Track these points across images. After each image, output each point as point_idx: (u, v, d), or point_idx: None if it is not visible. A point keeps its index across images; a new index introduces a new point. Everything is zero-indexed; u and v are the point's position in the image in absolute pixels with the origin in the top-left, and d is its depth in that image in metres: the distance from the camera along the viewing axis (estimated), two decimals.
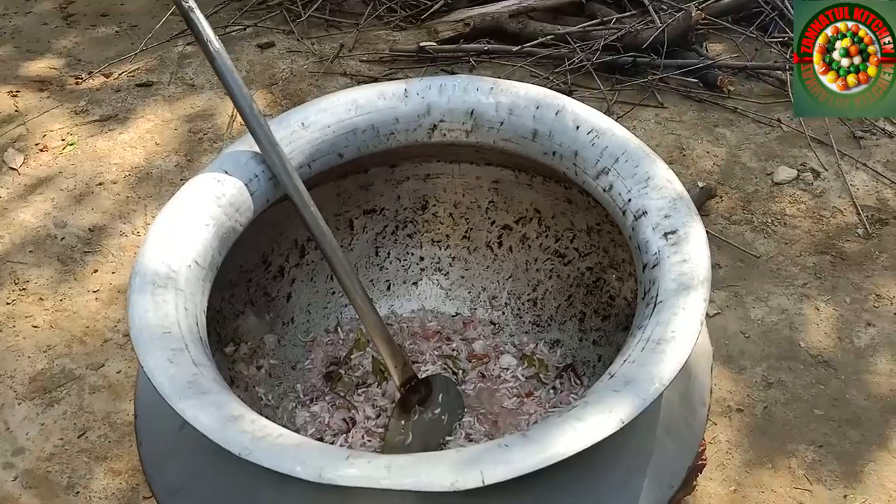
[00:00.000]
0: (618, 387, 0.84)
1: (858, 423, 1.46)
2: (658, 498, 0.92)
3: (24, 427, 1.48)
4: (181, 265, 0.99)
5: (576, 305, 1.36)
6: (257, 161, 1.12)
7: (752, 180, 1.91)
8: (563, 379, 1.34)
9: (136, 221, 1.87)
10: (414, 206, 1.41)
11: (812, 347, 1.58)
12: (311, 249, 1.37)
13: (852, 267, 1.72)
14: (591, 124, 1.11)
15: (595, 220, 1.28)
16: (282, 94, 2.24)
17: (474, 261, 1.44)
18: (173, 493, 0.97)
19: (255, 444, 0.81)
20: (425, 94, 1.21)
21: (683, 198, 1.00)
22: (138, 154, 2.05)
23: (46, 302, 1.70)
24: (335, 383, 1.35)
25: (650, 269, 0.96)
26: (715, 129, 2.06)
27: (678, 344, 0.86)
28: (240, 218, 1.10)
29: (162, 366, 0.87)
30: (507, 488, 0.79)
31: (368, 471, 0.78)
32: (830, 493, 1.37)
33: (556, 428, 0.81)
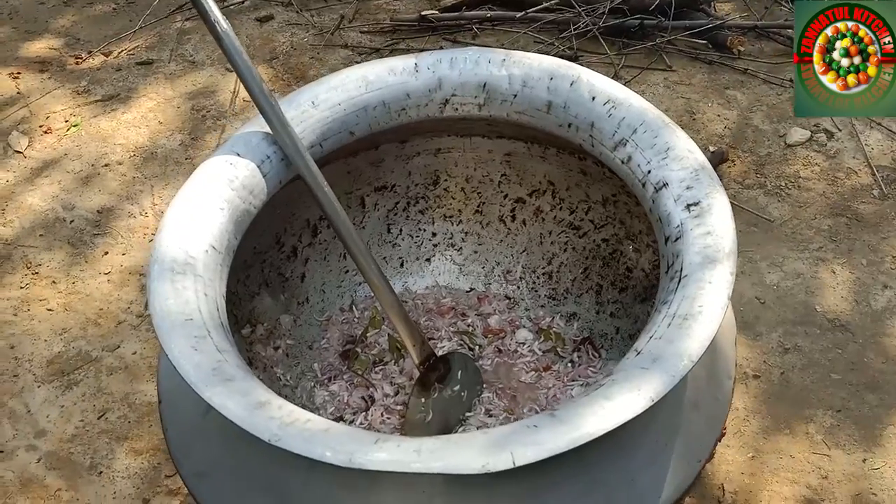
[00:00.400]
0: (645, 364, 0.83)
1: (877, 387, 1.46)
2: (686, 472, 0.92)
3: (44, 409, 1.49)
4: (198, 251, 0.98)
5: (592, 278, 1.35)
6: (269, 142, 1.11)
7: (765, 143, 1.89)
8: (580, 352, 1.33)
9: (143, 202, 1.86)
10: (425, 182, 1.40)
11: (828, 311, 1.58)
12: (323, 229, 1.36)
13: (868, 228, 1.70)
14: (607, 94, 1.10)
15: (611, 191, 1.27)
16: (283, 68, 2.21)
17: (487, 235, 1.43)
18: (201, 476, 0.97)
19: (283, 430, 0.80)
20: (436, 68, 1.19)
21: (705, 168, 0.99)
22: (142, 134, 2.03)
23: (59, 285, 1.69)
24: (352, 362, 1.35)
25: (672, 242, 0.95)
26: (725, 91, 2.03)
27: (706, 319, 0.85)
28: (253, 200, 1.08)
29: (186, 353, 0.86)
30: (535, 466, 0.79)
31: (398, 455, 0.78)
32: (849, 457, 1.37)
33: (584, 407, 0.80)
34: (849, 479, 1.35)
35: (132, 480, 1.39)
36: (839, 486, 1.34)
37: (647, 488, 0.89)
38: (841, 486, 1.34)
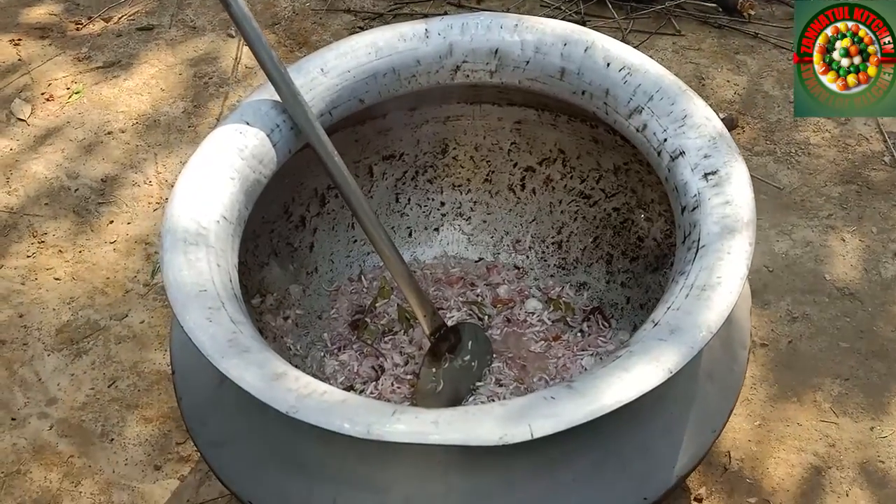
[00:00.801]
0: (663, 335, 0.83)
1: (885, 356, 1.46)
2: (701, 443, 0.92)
3: (55, 378, 1.49)
4: (210, 221, 0.98)
5: (602, 247, 1.35)
6: (278, 110, 1.09)
7: (775, 109, 1.87)
8: (590, 322, 1.33)
9: (147, 171, 1.85)
10: (434, 151, 1.38)
11: (838, 280, 1.57)
12: (331, 198, 1.35)
13: (879, 196, 1.69)
14: (622, 61, 1.08)
15: (623, 159, 1.26)
16: (285, 34, 2.19)
17: (496, 204, 1.42)
18: (217, 446, 0.98)
19: (301, 402, 0.80)
20: (447, 33, 1.17)
21: (724, 136, 0.98)
22: (144, 101, 2.01)
23: (66, 254, 1.69)
24: (362, 331, 1.35)
25: (689, 211, 0.94)
26: (735, 56, 2.01)
27: (724, 290, 0.84)
28: (263, 170, 1.07)
29: (201, 325, 0.86)
30: (550, 438, 0.79)
31: (416, 426, 0.78)
32: (857, 425, 1.38)
33: (602, 379, 0.80)
34: (856, 447, 1.35)
35: (143, 447, 1.40)
36: (846, 454, 1.35)
37: (662, 459, 0.90)
38: (848, 453, 1.35)
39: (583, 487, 0.87)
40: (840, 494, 1.30)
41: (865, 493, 1.30)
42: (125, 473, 1.37)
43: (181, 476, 1.36)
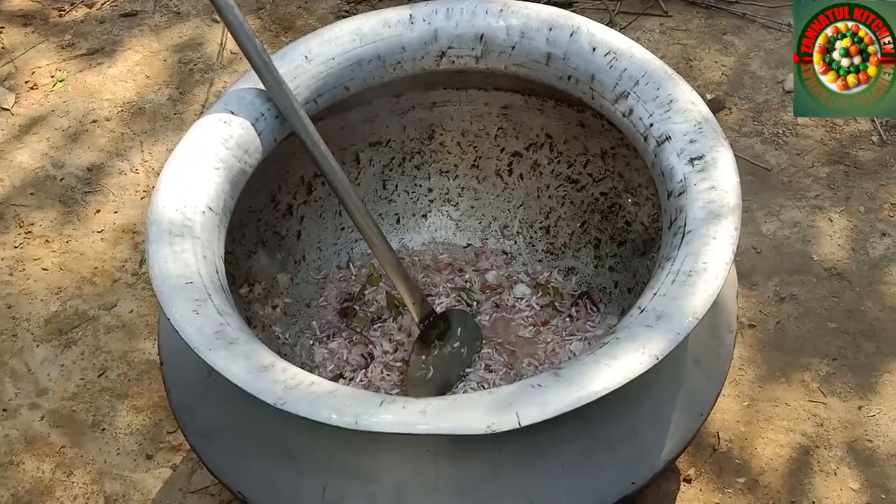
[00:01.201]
0: (649, 322, 0.83)
1: (873, 335, 1.47)
2: (688, 427, 0.93)
3: (44, 368, 1.49)
4: (195, 212, 0.97)
5: (590, 232, 1.35)
6: (262, 99, 1.09)
7: (763, 90, 1.87)
8: (578, 307, 1.34)
9: (133, 159, 1.84)
10: (420, 137, 1.38)
11: (825, 260, 1.58)
12: (318, 186, 1.34)
13: (866, 176, 1.70)
14: (608, 45, 1.08)
15: (610, 143, 1.26)
16: (270, 18, 2.17)
17: (484, 190, 1.42)
18: (206, 437, 0.98)
19: (288, 393, 0.80)
20: (431, 19, 1.16)
21: (709, 121, 0.97)
22: (129, 88, 2.00)
23: (53, 244, 1.68)
24: (350, 319, 1.35)
25: (676, 196, 0.95)
26: (723, 36, 2.00)
27: (710, 275, 0.85)
28: (248, 159, 1.07)
29: (188, 317, 0.86)
30: (539, 425, 0.79)
31: (404, 416, 0.78)
32: (845, 404, 1.39)
33: (589, 366, 0.81)
34: (844, 426, 1.36)
35: (135, 437, 1.40)
36: (835, 433, 1.36)
37: (650, 444, 0.90)
38: (836, 432, 1.36)
39: (571, 473, 0.87)
40: (828, 473, 1.31)
41: (853, 471, 1.31)
42: (117, 463, 1.37)
43: (173, 465, 1.36)
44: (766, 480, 1.31)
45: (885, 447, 1.33)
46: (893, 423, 1.36)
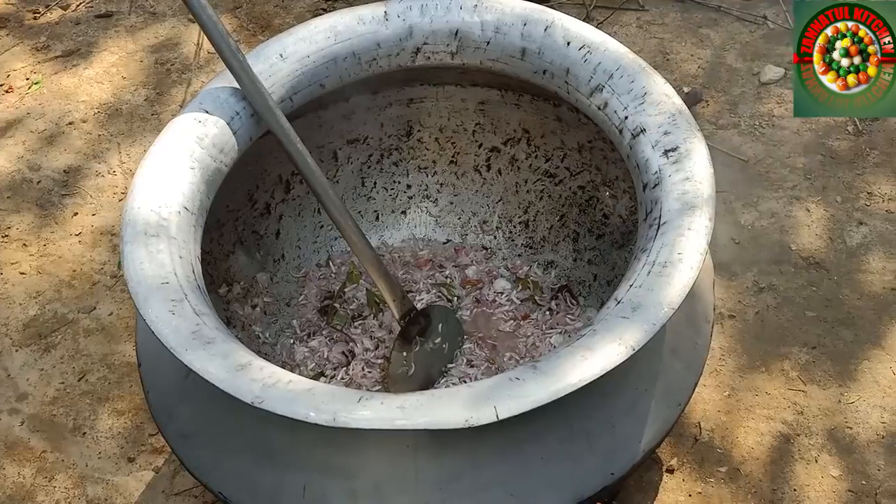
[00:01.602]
0: (626, 313, 0.83)
1: (852, 323, 1.48)
2: (666, 417, 0.93)
3: (24, 373, 1.48)
4: (171, 212, 0.97)
5: (569, 225, 1.35)
6: (237, 98, 1.09)
7: (739, 82, 1.88)
8: (558, 300, 1.34)
9: (110, 161, 1.83)
10: (398, 133, 1.38)
11: (803, 249, 1.59)
12: (296, 184, 1.34)
13: (842, 165, 1.71)
14: (582, 39, 1.08)
15: (587, 137, 1.26)
16: (247, 17, 2.16)
17: (463, 186, 1.42)
18: (185, 438, 0.97)
19: (266, 391, 0.80)
20: (406, 15, 1.16)
21: (683, 113, 0.98)
22: (105, 90, 1.98)
23: (31, 248, 1.67)
24: (331, 317, 1.34)
25: (651, 188, 0.95)
26: (699, 30, 2.01)
27: (685, 266, 0.85)
28: (224, 158, 1.07)
29: (164, 318, 0.86)
30: (517, 417, 0.79)
31: (382, 412, 0.78)
32: (825, 392, 1.40)
33: (566, 359, 0.81)
34: (824, 414, 1.37)
35: (116, 440, 1.39)
36: (815, 421, 1.37)
37: (628, 434, 0.91)
38: (817, 420, 1.37)
39: (551, 465, 0.87)
40: (809, 461, 1.32)
41: (834, 458, 1.32)
42: (99, 467, 1.36)
43: (155, 467, 1.36)
44: (748, 469, 1.32)
45: (865, 434, 1.35)
46: (873, 410, 1.37)
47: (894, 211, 1.62)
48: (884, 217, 1.62)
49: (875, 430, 1.35)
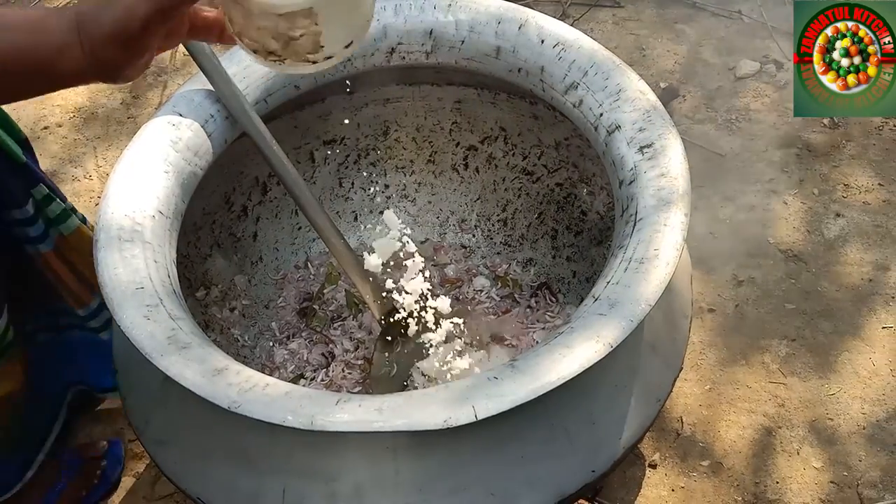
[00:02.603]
0: (603, 310, 0.83)
1: (831, 315, 1.49)
2: (646, 413, 0.93)
3: None
4: (145, 217, 0.96)
5: (547, 223, 1.35)
6: (212, 100, 1.08)
7: (715, 77, 1.89)
8: (538, 297, 1.34)
9: (87, 165, 1.81)
10: (375, 133, 1.37)
11: (781, 242, 1.60)
12: (273, 186, 1.33)
13: (819, 158, 1.72)
14: (556, 37, 1.08)
15: (563, 134, 1.26)
16: None
17: (441, 185, 1.41)
18: (162, 444, 0.96)
19: (243, 396, 0.79)
20: (380, 15, 1.16)
21: (657, 109, 0.98)
22: (81, 93, 1.97)
23: None
24: (310, 319, 1.34)
25: (627, 185, 0.95)
26: (675, 25, 2.02)
27: (662, 262, 0.85)
28: (199, 162, 1.06)
29: (139, 323, 0.85)
30: (497, 416, 0.79)
31: (360, 415, 0.78)
32: (805, 384, 1.41)
33: (544, 357, 0.80)
34: (805, 406, 1.38)
35: None
36: (796, 413, 1.37)
37: (608, 431, 0.91)
38: (798, 412, 1.37)
39: (531, 464, 0.87)
40: (791, 453, 1.33)
41: (816, 450, 1.33)
42: None
43: (136, 473, 1.35)
44: (730, 462, 1.32)
45: (846, 425, 1.35)
46: (853, 401, 1.38)
47: (871, 202, 1.64)
48: (861, 209, 1.63)
49: (856, 421, 1.36)
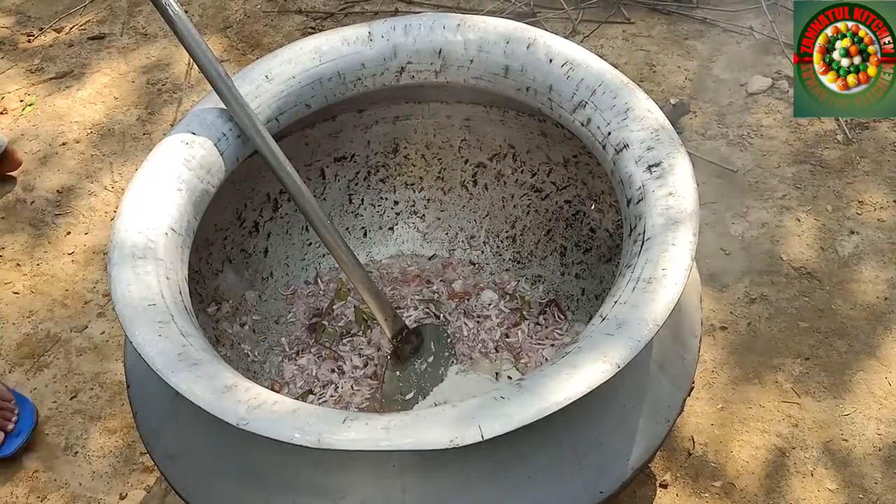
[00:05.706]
0: (611, 330, 0.83)
1: (845, 333, 1.47)
2: (655, 433, 0.93)
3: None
4: (158, 234, 0.97)
5: (556, 240, 1.35)
6: (224, 119, 1.09)
7: (726, 93, 1.89)
8: (546, 315, 1.34)
9: (103, 180, 1.83)
10: (385, 150, 1.38)
11: (794, 260, 1.58)
12: (283, 202, 1.34)
13: (833, 174, 1.71)
14: (564, 56, 1.08)
15: (572, 152, 1.26)
16: (237, 37, 2.17)
17: (450, 201, 1.42)
18: (173, 459, 0.97)
19: (251, 413, 0.80)
20: (390, 35, 1.17)
21: (666, 128, 0.98)
22: (98, 110, 1.99)
23: (24, 267, 1.67)
24: (320, 335, 1.34)
25: (635, 204, 0.95)
26: (685, 41, 2.02)
27: (669, 282, 0.85)
28: (211, 179, 1.07)
29: (151, 340, 0.86)
30: (504, 437, 0.79)
31: (367, 433, 0.78)
32: (819, 404, 1.39)
33: (551, 377, 0.81)
34: (819, 426, 1.37)
35: (108, 459, 1.39)
36: (810, 434, 1.36)
37: (617, 452, 0.90)
38: (812, 433, 1.36)
39: (539, 484, 0.87)
40: (805, 475, 1.31)
41: (830, 472, 1.31)
42: (91, 486, 1.36)
43: (146, 487, 1.35)
44: (743, 483, 1.31)
45: (861, 446, 1.34)
46: (868, 422, 1.36)
47: (886, 219, 1.62)
48: (875, 226, 1.62)
49: (871, 442, 1.34)
